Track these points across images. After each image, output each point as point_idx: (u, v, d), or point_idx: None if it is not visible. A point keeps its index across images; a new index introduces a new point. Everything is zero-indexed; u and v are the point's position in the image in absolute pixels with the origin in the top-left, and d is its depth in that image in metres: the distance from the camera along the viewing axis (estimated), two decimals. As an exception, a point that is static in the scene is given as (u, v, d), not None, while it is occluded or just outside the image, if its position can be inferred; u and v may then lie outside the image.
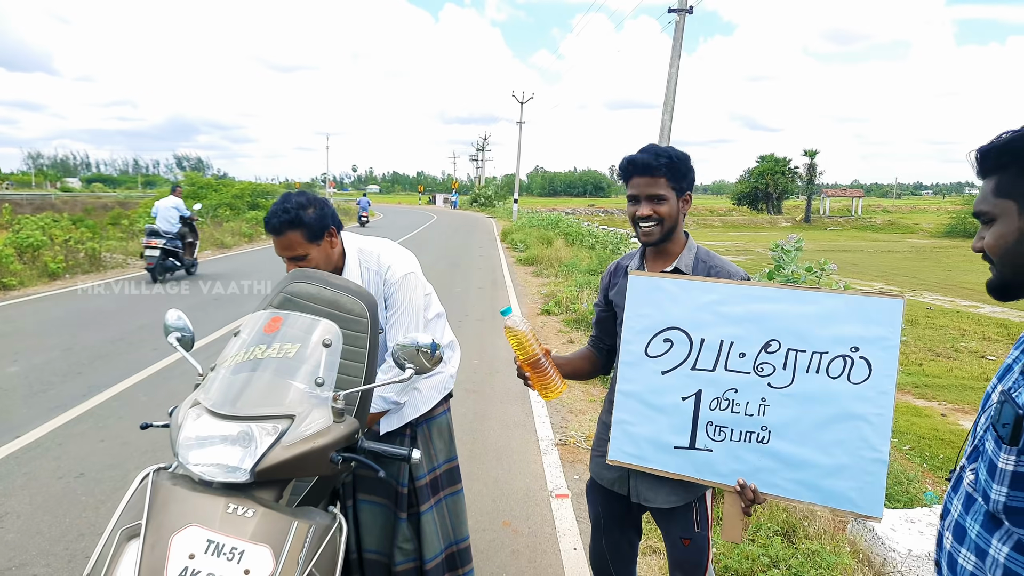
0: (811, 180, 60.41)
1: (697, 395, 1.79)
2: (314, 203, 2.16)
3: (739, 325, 1.76)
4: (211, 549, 1.40)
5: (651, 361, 1.85)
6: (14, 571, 3.01)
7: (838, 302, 1.68)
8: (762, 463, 1.71)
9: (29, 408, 5.14)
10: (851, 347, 1.64)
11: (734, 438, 1.75)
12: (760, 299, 1.75)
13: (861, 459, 1.61)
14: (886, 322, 1.63)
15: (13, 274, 11.27)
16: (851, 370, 1.64)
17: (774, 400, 1.71)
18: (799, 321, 1.70)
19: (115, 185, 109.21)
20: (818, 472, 1.65)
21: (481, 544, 3.39)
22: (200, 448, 1.55)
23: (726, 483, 1.75)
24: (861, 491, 1.61)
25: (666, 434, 1.82)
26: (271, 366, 1.66)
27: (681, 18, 14.22)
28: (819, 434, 1.66)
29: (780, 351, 1.71)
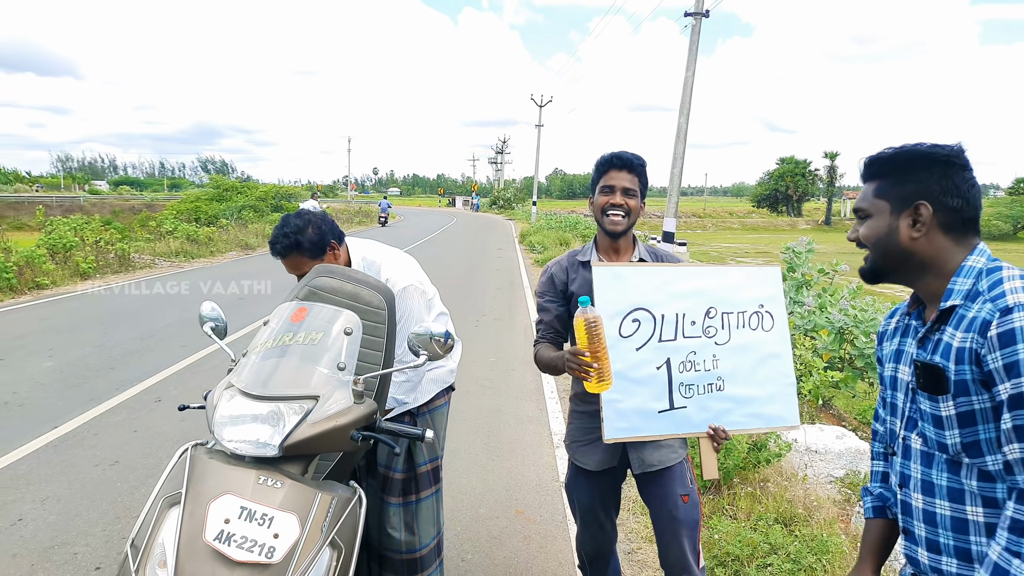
0: (832, 182, 59.88)
1: (667, 363, 2.11)
2: (312, 223, 2.33)
3: (687, 299, 2.15)
4: (244, 515, 1.56)
5: (625, 340, 2.09)
6: (56, 549, 3.21)
7: (739, 274, 2.25)
8: (723, 406, 2.15)
9: (65, 400, 5.38)
10: (759, 304, 2.22)
11: (700, 392, 2.13)
12: (697, 276, 2.19)
13: (781, 385, 2.21)
14: (773, 284, 2.26)
15: (46, 274, 11.62)
16: (763, 322, 2.21)
17: (721, 354, 2.16)
18: (725, 290, 2.19)
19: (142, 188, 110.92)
20: (759, 403, 2.17)
21: (495, 530, 3.54)
22: (233, 425, 1.71)
23: (699, 431, 2.12)
24: (785, 408, 2.21)
25: (650, 402, 2.08)
26: (297, 352, 1.83)
27: (697, 22, 14.27)
28: (755, 374, 2.18)
29: (718, 315, 2.17)
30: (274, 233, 2.33)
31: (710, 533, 3.23)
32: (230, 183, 33.11)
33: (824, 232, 46.53)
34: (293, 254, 2.31)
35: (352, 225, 36.67)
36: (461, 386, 5.82)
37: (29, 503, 3.65)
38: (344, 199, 73.18)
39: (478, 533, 3.51)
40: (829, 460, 4.38)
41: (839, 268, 7.63)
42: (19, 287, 10.85)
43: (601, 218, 2.18)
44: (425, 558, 2.58)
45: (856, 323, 6.35)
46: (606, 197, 2.16)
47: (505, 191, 72.69)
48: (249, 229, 23.08)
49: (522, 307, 10.67)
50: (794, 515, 3.45)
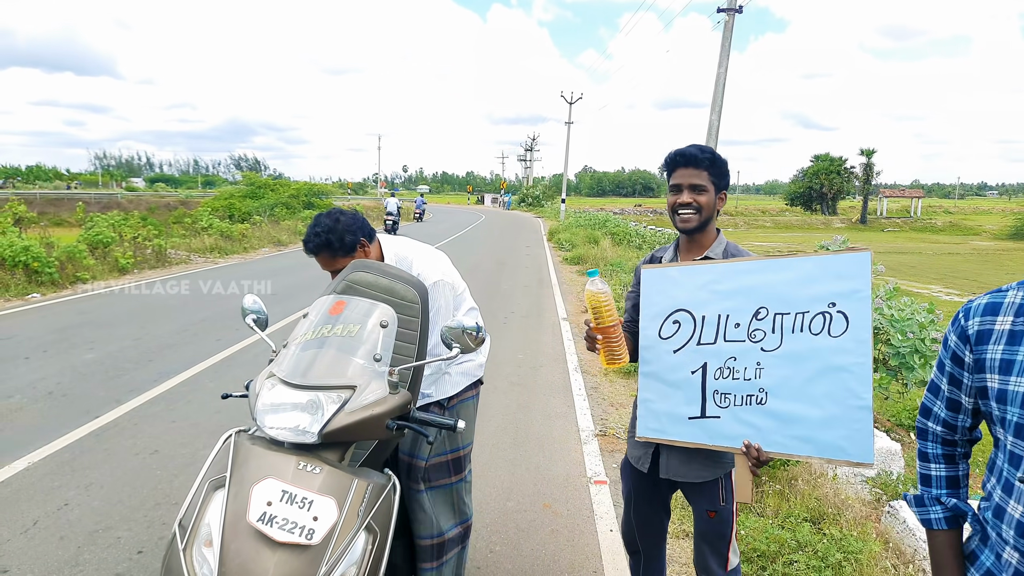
0: (868, 180, 58.84)
1: (703, 367, 1.96)
2: (342, 222, 2.41)
3: (732, 299, 1.93)
4: (285, 498, 1.63)
5: (663, 342, 2.04)
6: (101, 533, 3.33)
7: (811, 264, 1.82)
8: (763, 423, 1.85)
9: (106, 391, 5.55)
10: (828, 303, 1.78)
11: (737, 403, 1.90)
12: (746, 272, 1.92)
13: (848, 408, 1.73)
14: (856, 275, 1.75)
15: (86, 269, 11.95)
16: (830, 325, 1.77)
17: (767, 363, 1.85)
18: (781, 287, 1.85)
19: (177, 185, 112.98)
20: (811, 425, 1.78)
21: (523, 523, 3.59)
22: (275, 413, 1.78)
23: (734, 446, 1.89)
24: (851, 439, 1.72)
25: (681, 407, 2.00)
26: (335, 343, 1.89)
27: (730, 18, 14.16)
28: (809, 389, 1.78)
29: (768, 317, 1.86)
30: (307, 233, 2.44)
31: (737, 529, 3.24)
32: (263, 180, 33.61)
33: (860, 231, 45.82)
34: (324, 252, 2.41)
35: (381, 223, 36.98)
36: (489, 382, 5.91)
37: (74, 489, 3.79)
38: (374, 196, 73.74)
39: (506, 526, 3.56)
40: (860, 460, 4.35)
41: (876, 268, 7.55)
42: (61, 281, 11.17)
43: (672, 217, 2.15)
44: (445, 544, 2.64)
45: (892, 323, 6.28)
46: (674, 196, 2.11)
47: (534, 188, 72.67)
48: (281, 226, 23.45)
49: (550, 305, 10.70)
50: (823, 513, 3.45)
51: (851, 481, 4.16)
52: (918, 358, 6.56)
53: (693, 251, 2.18)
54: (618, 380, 6.37)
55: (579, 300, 11.13)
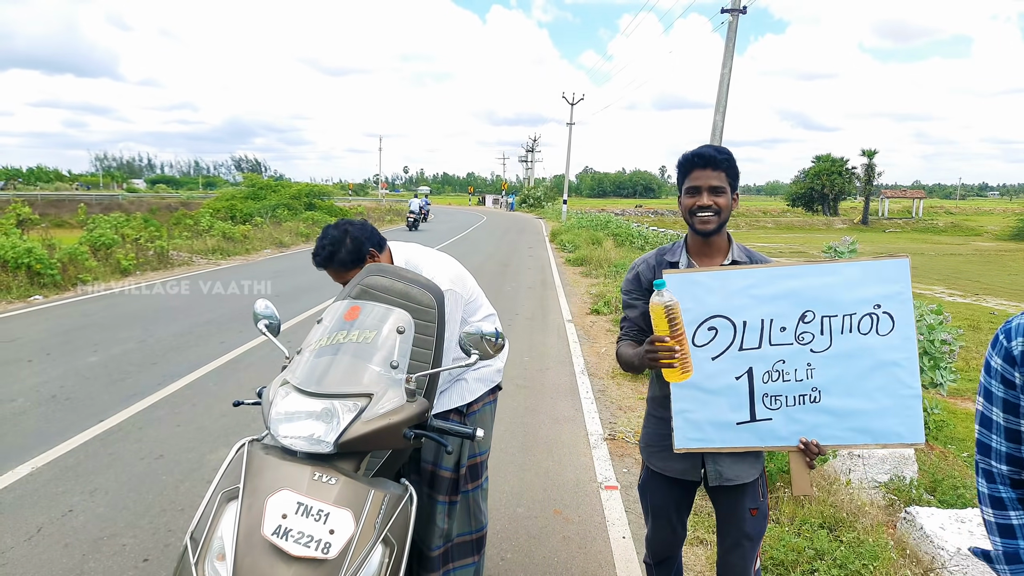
0: (869, 181, 58.80)
1: (749, 372, 1.98)
2: (349, 234, 2.36)
3: (775, 303, 1.96)
4: (301, 510, 1.58)
5: (699, 350, 1.99)
6: (106, 540, 3.29)
7: (855, 269, 1.95)
8: (818, 420, 1.95)
9: (110, 395, 5.51)
10: (875, 305, 1.92)
11: (789, 403, 1.96)
12: (788, 277, 1.97)
13: (901, 397, 1.91)
14: (898, 279, 1.91)
15: (88, 270, 11.91)
16: (878, 325, 1.92)
17: (818, 363, 1.94)
18: (826, 291, 1.94)
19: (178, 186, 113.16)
20: (867, 417, 1.93)
21: (533, 530, 3.54)
22: (289, 422, 1.73)
23: (789, 444, 1.97)
24: (904, 424, 1.92)
25: (726, 413, 1.99)
26: (351, 350, 1.84)
27: (734, 18, 14.10)
28: (862, 384, 1.93)
29: (815, 320, 1.94)
30: (316, 245, 2.40)
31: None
32: (264, 182, 33.57)
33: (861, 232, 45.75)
34: (331, 266, 2.37)
35: (383, 224, 36.99)
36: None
37: (78, 495, 3.74)
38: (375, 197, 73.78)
39: (517, 533, 3.51)
40: (872, 465, 4.30)
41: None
42: (63, 283, 11.12)
43: (691, 219, 2.08)
44: (453, 550, 2.59)
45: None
46: (693, 199, 2.05)
47: (535, 190, 72.63)
48: (283, 227, 23.41)
49: (554, 306, 10.65)
50: (839, 520, 3.40)
51: (865, 487, 4.11)
52: (928, 360, 6.51)
53: (709, 254, 2.13)
54: (625, 383, 6.32)
55: (583, 302, 11.09)
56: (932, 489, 4.19)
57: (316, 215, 27.67)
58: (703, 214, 2.04)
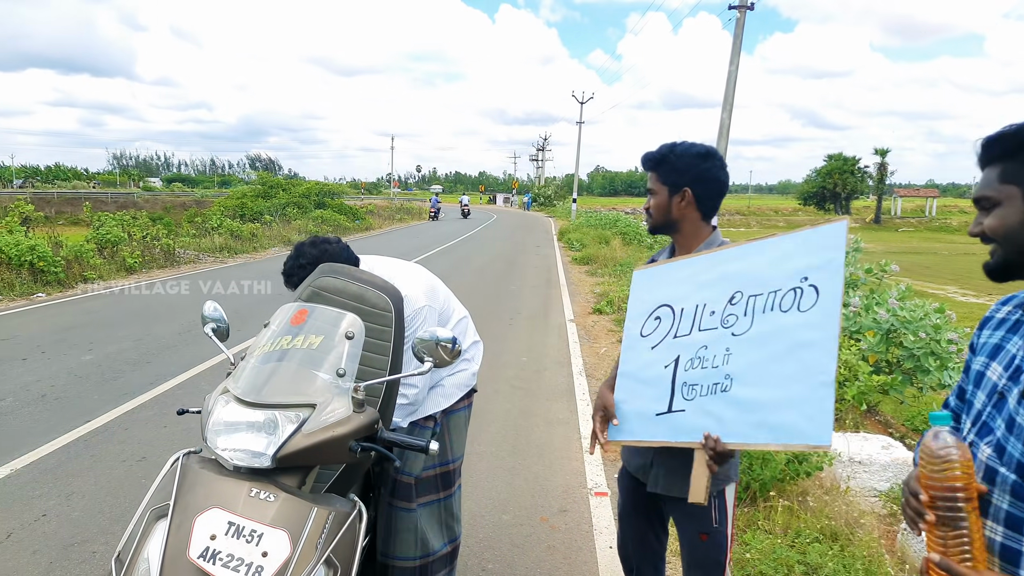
0: (882, 179, 58.15)
1: (676, 360, 1.84)
2: (328, 253, 2.24)
3: (711, 288, 1.83)
4: (231, 531, 1.47)
5: (643, 340, 1.94)
6: (77, 547, 3.20)
7: (789, 241, 1.72)
8: (725, 413, 1.69)
9: (100, 394, 5.44)
10: (801, 278, 1.65)
11: (703, 393, 1.75)
12: (729, 259, 1.82)
13: (810, 386, 1.55)
14: (831, 245, 1.63)
15: (93, 268, 11.91)
16: (800, 299, 1.63)
17: (736, 348, 1.72)
18: (758, 268, 1.74)
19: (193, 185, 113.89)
20: (770, 411, 1.61)
21: (518, 538, 3.42)
22: (228, 434, 1.63)
23: (695, 440, 1.73)
24: (810, 419, 1.54)
25: (649, 404, 1.87)
26: (296, 356, 1.73)
27: (742, 15, 13.89)
28: (772, 370, 1.63)
29: (742, 300, 1.75)
30: (287, 264, 2.27)
31: (743, 550, 3.06)
32: (276, 180, 33.61)
33: (874, 231, 45.27)
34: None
35: (394, 222, 36.99)
36: (490, 385, 5.75)
37: (55, 498, 3.67)
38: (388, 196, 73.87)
39: (500, 541, 3.40)
40: (873, 472, 4.15)
41: (889, 268, 7.32)
42: (67, 281, 11.12)
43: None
44: (433, 565, 2.48)
45: (904, 324, 6.06)
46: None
47: (546, 188, 72.42)
48: (292, 225, 23.41)
49: (557, 306, 10.52)
50: (835, 531, 3.26)
51: (864, 495, 3.96)
52: (933, 360, 6.33)
53: (682, 252, 2.06)
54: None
55: (586, 301, 10.95)
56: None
57: (325, 213, 27.68)
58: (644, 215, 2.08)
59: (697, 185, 1.93)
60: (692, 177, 1.93)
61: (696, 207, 1.96)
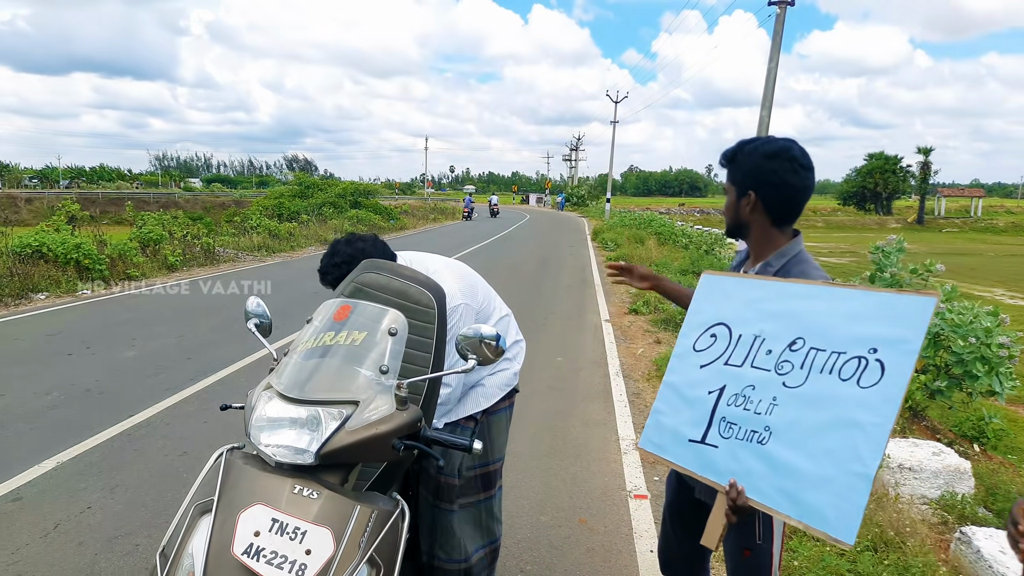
0: (925, 179, 56.73)
1: (721, 390, 1.73)
2: (363, 251, 2.23)
3: (774, 321, 1.70)
4: (275, 528, 1.46)
5: (695, 355, 1.84)
6: (120, 539, 3.24)
7: (870, 300, 1.56)
8: (755, 466, 1.59)
9: (143, 390, 5.54)
10: (869, 348, 1.51)
11: (739, 436, 1.64)
12: (798, 296, 1.69)
13: (845, 472, 1.44)
14: (911, 323, 1.48)
15: (136, 266, 12.16)
16: (863, 372, 1.49)
17: (783, 400, 1.59)
18: (827, 318, 1.60)
19: (232, 185, 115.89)
20: (801, 482, 1.50)
21: (556, 540, 3.38)
22: (271, 430, 1.61)
23: (720, 482, 1.64)
24: (837, 509, 1.43)
25: (685, 426, 1.78)
26: (339, 353, 1.71)
27: (782, 10, 13.64)
28: (813, 440, 1.51)
29: (802, 349, 1.61)
30: (323, 262, 2.26)
31: (790, 557, 2.97)
32: (312, 180, 34.05)
33: (916, 232, 44.19)
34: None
35: (428, 221, 37.21)
36: (526, 386, 5.68)
37: (99, 491, 3.73)
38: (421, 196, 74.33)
39: (539, 542, 3.36)
40: (924, 479, 4.01)
41: (934, 268, 7.09)
42: (111, 278, 11.37)
43: None
44: (474, 567, 2.45)
45: (953, 327, 5.86)
46: None
47: (579, 188, 72.15)
48: (328, 225, 23.67)
49: (592, 306, 10.45)
50: (886, 540, 3.15)
51: (914, 502, 3.83)
52: (983, 365, 6.11)
53: (754, 260, 1.95)
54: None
55: (621, 301, 10.85)
56: (990, 505, 3.88)
57: (361, 213, 27.94)
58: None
59: (763, 188, 1.80)
60: (756, 179, 1.81)
61: (764, 212, 1.83)
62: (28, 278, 10.04)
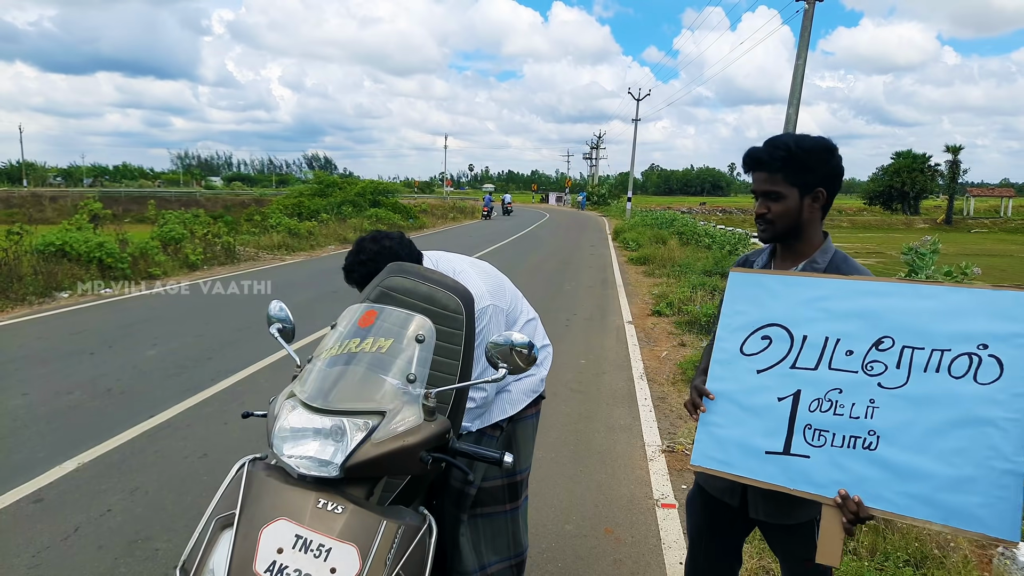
0: (954, 178, 55.81)
1: (795, 395, 1.64)
2: (389, 249, 2.16)
3: (847, 321, 1.62)
4: (299, 544, 1.39)
5: (746, 359, 1.73)
6: (140, 544, 3.20)
7: (962, 296, 1.53)
8: (868, 473, 1.52)
9: (163, 390, 5.52)
10: (978, 344, 1.47)
11: (836, 443, 1.57)
12: (871, 294, 1.62)
13: (990, 470, 1.41)
14: (1015, 317, 1.46)
15: (158, 265, 12.23)
16: (978, 369, 1.46)
17: (884, 402, 1.54)
18: (916, 316, 1.55)
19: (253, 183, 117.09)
20: (935, 484, 1.45)
21: (582, 551, 3.29)
22: (294, 440, 1.54)
23: (824, 495, 1.57)
24: (991, 508, 1.40)
25: (757, 438, 1.67)
26: (364, 360, 1.64)
27: (810, 6, 13.38)
28: (938, 441, 1.47)
29: (894, 348, 1.55)
30: (348, 259, 2.19)
31: (827, 572, 2.85)
32: (331, 179, 34.17)
33: (945, 232, 43.40)
34: (368, 282, 2.14)
35: (447, 220, 37.21)
36: (548, 389, 5.59)
37: (119, 493, 3.69)
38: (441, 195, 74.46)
39: (564, 553, 3.26)
40: (963, 489, 3.86)
41: (971, 271, 6.91)
42: (133, 276, 11.44)
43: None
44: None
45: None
46: (756, 203, 1.83)
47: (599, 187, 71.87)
48: (348, 224, 23.72)
49: (614, 306, 10.32)
50: (926, 555, 3.02)
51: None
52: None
53: (789, 261, 1.86)
54: (687, 390, 5.97)
55: (644, 303, 10.72)
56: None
57: (380, 212, 27.99)
58: (758, 224, 1.82)
59: (829, 183, 1.76)
60: (824, 175, 1.75)
61: (822, 209, 1.80)
62: (51, 277, 10.11)
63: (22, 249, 10.45)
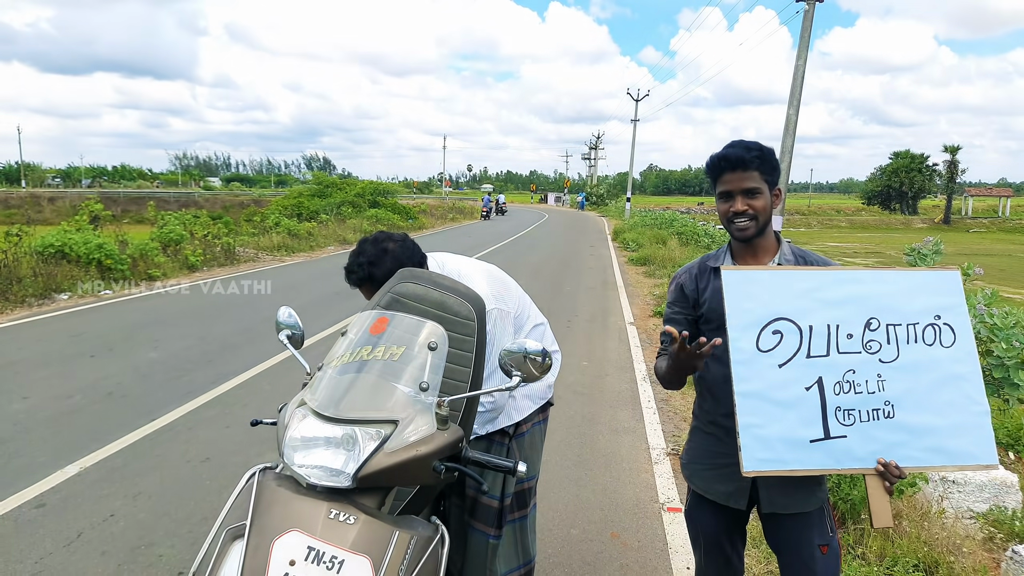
0: (952, 178, 55.85)
1: (819, 382, 1.77)
2: (389, 252, 2.14)
3: (840, 308, 1.80)
4: (311, 556, 1.36)
5: (765, 356, 1.77)
6: (143, 549, 3.18)
7: (910, 278, 1.85)
8: (894, 437, 1.75)
9: (165, 393, 5.49)
10: (935, 316, 1.81)
11: (863, 419, 1.76)
12: (852, 281, 1.83)
13: (970, 414, 1.77)
14: (954, 291, 1.84)
15: (157, 266, 12.19)
16: (940, 336, 1.80)
17: (889, 375, 1.77)
18: (891, 298, 1.81)
19: (251, 184, 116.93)
20: (940, 434, 1.76)
21: (588, 556, 3.27)
22: (305, 450, 1.52)
23: (867, 467, 1.75)
24: (977, 443, 1.77)
25: (799, 429, 1.75)
26: (376, 368, 1.62)
27: (811, 6, 13.37)
28: (933, 398, 1.77)
29: (881, 328, 1.79)
30: (350, 260, 2.17)
31: None
32: (330, 180, 34.14)
33: (943, 232, 43.45)
34: (369, 284, 2.13)
35: (446, 221, 37.18)
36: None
37: (121, 498, 3.67)
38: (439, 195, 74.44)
39: (570, 558, 3.24)
40: (969, 492, 3.85)
41: (973, 272, 6.90)
42: (132, 278, 11.40)
43: (728, 227, 1.91)
44: None
45: (994, 332, 5.68)
46: (726, 204, 1.87)
47: (598, 187, 71.87)
48: (347, 224, 23.68)
49: (616, 307, 10.31)
50: (934, 559, 3.01)
51: (960, 517, 3.67)
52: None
53: (756, 256, 1.94)
54: (691, 392, 5.95)
55: (645, 303, 10.70)
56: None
57: (380, 212, 27.96)
58: (739, 221, 1.87)
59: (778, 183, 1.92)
60: (779, 174, 1.91)
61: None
62: (51, 278, 10.07)
63: (21, 251, 10.42)
